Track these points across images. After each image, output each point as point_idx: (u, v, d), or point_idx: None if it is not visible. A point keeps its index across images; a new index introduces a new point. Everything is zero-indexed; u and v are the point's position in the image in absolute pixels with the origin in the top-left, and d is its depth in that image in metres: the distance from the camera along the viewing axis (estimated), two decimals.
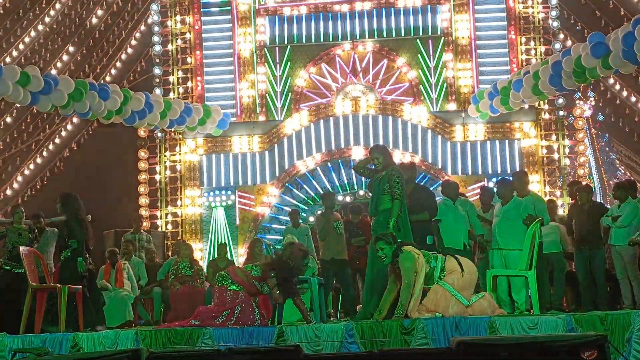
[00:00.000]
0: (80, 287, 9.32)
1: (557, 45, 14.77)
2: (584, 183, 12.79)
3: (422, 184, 12.47)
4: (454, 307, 7.30)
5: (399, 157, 14.34)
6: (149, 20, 16.12)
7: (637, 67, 11.61)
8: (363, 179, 14.18)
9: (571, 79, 11.86)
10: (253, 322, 7.30)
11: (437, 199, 9.55)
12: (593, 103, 18.55)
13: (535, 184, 14.24)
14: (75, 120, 16.51)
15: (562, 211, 13.29)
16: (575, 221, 9.97)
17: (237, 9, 15.54)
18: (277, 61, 15.47)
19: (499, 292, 8.91)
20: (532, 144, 14.74)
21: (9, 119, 16.31)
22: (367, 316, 7.79)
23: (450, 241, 9.15)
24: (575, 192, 10.36)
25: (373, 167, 8.43)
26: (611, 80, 15.78)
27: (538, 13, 15.25)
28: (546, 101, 14.56)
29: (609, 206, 10.83)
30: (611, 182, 21.76)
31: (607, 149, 23.82)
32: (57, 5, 16.77)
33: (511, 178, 9.75)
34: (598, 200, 20.82)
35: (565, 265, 10.44)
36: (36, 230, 9.80)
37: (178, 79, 15.61)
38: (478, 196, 11.06)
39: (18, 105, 15.46)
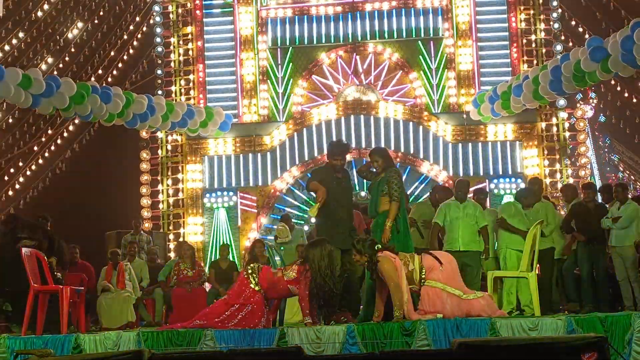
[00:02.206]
0: (82, 288, 9.39)
1: (559, 47, 14.79)
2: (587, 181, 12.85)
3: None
4: (448, 301, 7.35)
5: (400, 158, 14.36)
6: (151, 21, 16.15)
7: (637, 70, 11.59)
8: (364, 180, 14.25)
9: (571, 83, 11.87)
10: (256, 326, 7.28)
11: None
12: (594, 104, 18.58)
13: None
14: (76, 121, 16.54)
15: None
16: (580, 219, 9.91)
17: (238, 10, 15.57)
18: (279, 62, 15.50)
19: (506, 294, 9.01)
20: (533, 145, 14.74)
21: (10, 120, 16.34)
22: (368, 318, 7.83)
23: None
24: (582, 190, 10.41)
25: (373, 169, 8.48)
26: (612, 82, 15.78)
27: (539, 14, 15.27)
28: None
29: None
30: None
31: (607, 150, 23.86)
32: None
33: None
34: (600, 201, 20.89)
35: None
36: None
37: (180, 79, 15.63)
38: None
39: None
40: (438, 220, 9.31)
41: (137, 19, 16.93)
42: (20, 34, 16.58)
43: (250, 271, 7.52)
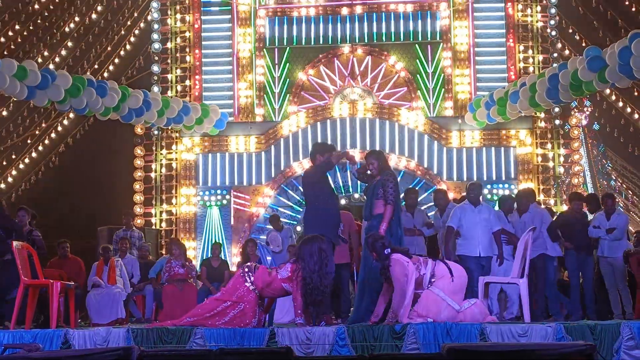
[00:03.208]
0: (73, 283, 9.36)
1: (555, 55, 14.84)
2: (579, 191, 12.88)
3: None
4: (445, 312, 7.34)
5: (395, 161, 14.37)
6: (149, 18, 16.11)
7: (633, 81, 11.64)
8: (358, 182, 14.24)
9: (568, 92, 11.92)
10: (247, 326, 7.27)
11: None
12: (589, 113, 18.64)
13: None
14: (71, 115, 16.47)
15: None
16: (566, 229, 9.87)
17: (237, 9, 15.58)
18: (276, 62, 15.49)
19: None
20: (528, 152, 14.79)
21: (5, 113, 16.26)
22: (358, 319, 7.83)
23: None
24: (569, 199, 10.44)
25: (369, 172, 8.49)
26: (607, 91, 15.83)
27: (537, 22, 15.31)
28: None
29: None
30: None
31: (601, 158, 23.91)
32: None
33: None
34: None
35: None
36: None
37: (176, 77, 15.62)
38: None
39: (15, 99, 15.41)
40: (452, 224, 9.05)
41: (135, 14, 16.87)
42: (17, 27, 16.52)
43: (246, 270, 7.51)
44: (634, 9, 15.62)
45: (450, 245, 9.05)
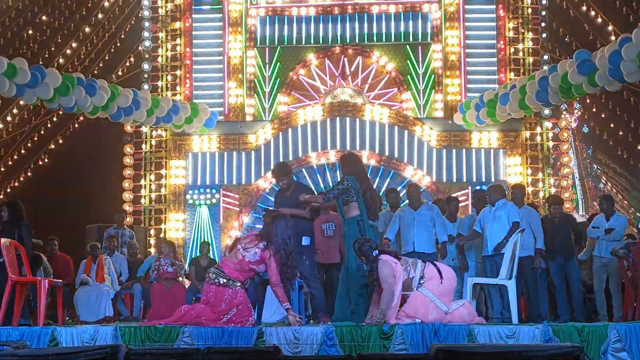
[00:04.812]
0: (61, 280, 9.33)
1: (546, 57, 14.90)
2: (566, 195, 12.92)
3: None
4: (433, 313, 7.36)
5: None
6: (139, 15, 16.07)
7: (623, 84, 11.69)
8: None
9: (557, 94, 11.97)
10: (244, 325, 7.22)
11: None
12: (579, 115, 18.72)
13: None
14: (61, 112, 16.41)
15: None
16: (547, 233, 9.88)
17: (228, 8, 15.57)
18: (267, 62, 15.49)
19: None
20: (517, 154, 14.83)
21: None
22: (342, 318, 7.87)
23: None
24: (548, 203, 10.47)
25: None
26: (597, 94, 15.91)
27: (528, 25, 15.37)
28: None
29: (579, 218, 10.86)
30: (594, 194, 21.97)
31: (589, 161, 24.02)
32: None
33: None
34: (581, 211, 21.03)
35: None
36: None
37: (167, 75, 15.58)
38: None
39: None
40: (476, 228, 9.42)
41: (126, 11, 16.83)
42: (7, 23, 16.46)
43: (214, 276, 7.32)
44: (624, 12, 15.71)
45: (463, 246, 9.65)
